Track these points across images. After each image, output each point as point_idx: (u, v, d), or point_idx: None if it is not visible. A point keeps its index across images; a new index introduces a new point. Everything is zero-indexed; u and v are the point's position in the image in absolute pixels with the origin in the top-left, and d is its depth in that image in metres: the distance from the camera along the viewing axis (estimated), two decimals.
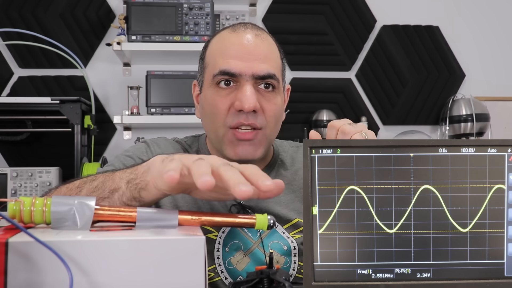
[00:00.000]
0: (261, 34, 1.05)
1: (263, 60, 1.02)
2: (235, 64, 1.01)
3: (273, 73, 1.02)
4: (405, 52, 2.85)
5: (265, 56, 1.03)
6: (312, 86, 2.80)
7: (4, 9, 2.59)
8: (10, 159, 2.60)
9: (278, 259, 1.04)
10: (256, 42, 1.03)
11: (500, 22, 2.94)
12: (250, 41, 1.03)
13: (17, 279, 0.50)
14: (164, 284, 0.53)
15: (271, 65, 1.03)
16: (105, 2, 2.67)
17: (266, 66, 1.02)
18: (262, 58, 1.02)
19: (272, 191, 0.61)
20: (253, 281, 0.72)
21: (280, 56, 1.09)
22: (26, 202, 0.58)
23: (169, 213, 0.62)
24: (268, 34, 1.09)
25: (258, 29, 1.07)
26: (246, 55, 1.02)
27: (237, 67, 1.01)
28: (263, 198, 0.63)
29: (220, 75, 1.02)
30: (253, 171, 0.62)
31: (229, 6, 2.70)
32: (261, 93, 1.02)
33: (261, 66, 1.01)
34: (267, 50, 1.04)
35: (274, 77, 1.03)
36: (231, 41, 1.04)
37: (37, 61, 2.61)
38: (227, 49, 1.03)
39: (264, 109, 1.03)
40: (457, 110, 2.72)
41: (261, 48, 1.03)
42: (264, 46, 1.04)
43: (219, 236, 1.03)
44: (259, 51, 1.02)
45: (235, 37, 1.04)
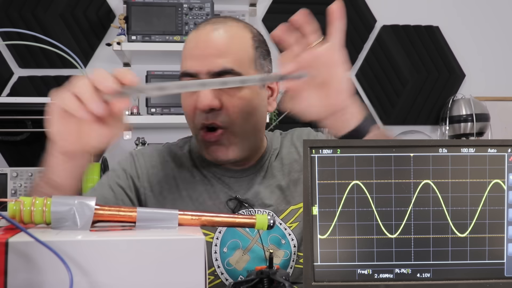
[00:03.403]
0: (221, 27, 1.01)
1: (219, 55, 0.97)
2: (191, 64, 0.99)
3: (230, 68, 0.97)
4: (405, 52, 2.85)
5: (222, 50, 0.98)
6: None
7: (4, 9, 2.59)
8: (10, 159, 2.59)
9: (277, 253, 1.03)
10: (213, 37, 0.99)
11: (500, 22, 2.94)
12: (206, 37, 0.99)
13: (17, 279, 0.50)
14: (164, 284, 0.53)
15: (229, 59, 0.98)
16: (105, 2, 2.67)
17: (222, 61, 0.97)
18: (218, 53, 0.97)
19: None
20: (253, 281, 0.72)
21: (253, 45, 1.02)
22: (26, 202, 0.58)
23: (169, 213, 0.62)
24: (236, 24, 1.04)
25: (222, 21, 1.03)
26: (200, 52, 0.98)
27: (193, 66, 0.98)
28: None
29: (182, 77, 1.00)
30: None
31: (229, 6, 2.70)
32: (223, 90, 0.98)
33: (216, 62, 0.97)
34: (225, 43, 0.99)
35: (232, 72, 0.97)
36: (190, 41, 1.02)
37: (37, 61, 2.61)
38: (187, 49, 1.02)
39: (226, 106, 0.98)
40: (457, 110, 2.72)
41: (217, 42, 0.99)
42: (221, 39, 0.99)
43: (216, 237, 1.02)
44: (214, 46, 0.98)
45: (194, 35, 1.02)
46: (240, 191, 1.06)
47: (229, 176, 1.07)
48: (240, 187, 1.07)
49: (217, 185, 1.07)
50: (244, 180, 1.07)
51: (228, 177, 1.07)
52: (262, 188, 1.07)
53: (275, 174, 1.09)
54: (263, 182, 1.08)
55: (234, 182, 1.07)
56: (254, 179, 1.08)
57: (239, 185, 1.07)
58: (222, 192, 1.06)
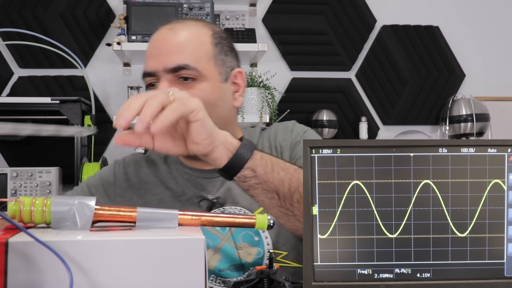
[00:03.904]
0: (178, 27, 1.04)
1: (174, 52, 1.00)
2: (149, 63, 1.02)
3: (184, 64, 0.99)
4: (405, 52, 2.85)
5: (178, 46, 1.01)
6: (312, 86, 2.80)
7: (4, 9, 2.59)
8: (10, 159, 2.60)
9: (250, 250, 1.03)
10: (168, 35, 1.03)
11: (500, 22, 2.94)
12: (162, 36, 1.03)
13: (17, 279, 0.50)
14: (164, 284, 0.53)
15: (184, 55, 1.00)
16: (105, 2, 2.67)
17: (177, 57, 1.00)
18: (173, 50, 1.00)
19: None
20: (253, 281, 0.72)
21: (211, 41, 1.05)
22: (26, 202, 0.58)
23: (169, 213, 0.62)
24: (194, 23, 1.07)
25: (180, 21, 1.06)
26: (157, 51, 1.02)
27: (151, 65, 1.02)
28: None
29: (144, 77, 1.04)
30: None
31: (229, 6, 2.70)
32: (182, 85, 1.00)
33: (171, 59, 1.00)
34: (181, 40, 1.02)
35: (187, 67, 0.99)
36: (150, 43, 1.06)
37: (37, 61, 2.61)
38: (147, 50, 1.05)
39: None
40: (457, 110, 2.72)
41: (172, 40, 1.02)
42: (177, 37, 1.02)
43: None
44: (169, 44, 1.01)
45: (152, 37, 1.06)
46: (213, 191, 1.07)
47: (202, 177, 1.09)
48: (213, 187, 1.08)
49: (190, 188, 1.08)
50: (218, 180, 1.08)
51: (202, 178, 1.09)
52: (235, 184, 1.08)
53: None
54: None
55: (207, 182, 1.08)
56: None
57: (212, 185, 1.08)
58: (195, 194, 1.07)
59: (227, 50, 1.09)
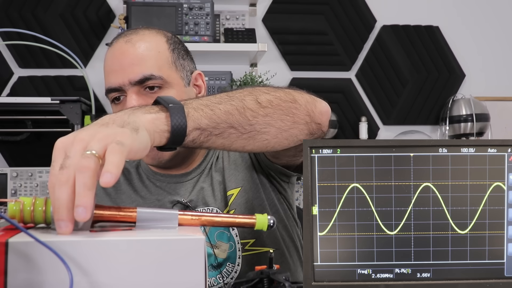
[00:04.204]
0: (133, 37, 1.04)
1: (136, 64, 1.01)
2: (113, 79, 1.02)
3: (149, 74, 1.00)
4: (405, 52, 2.85)
5: (138, 59, 1.01)
6: (312, 86, 2.77)
7: (4, 9, 2.59)
8: (10, 159, 2.59)
9: (224, 247, 1.05)
10: (125, 48, 1.03)
11: (500, 22, 2.94)
12: (121, 49, 1.03)
13: (17, 279, 0.50)
14: (164, 284, 0.53)
15: (145, 66, 1.01)
16: (105, 2, 2.67)
17: (140, 68, 1.00)
18: (135, 62, 1.01)
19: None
20: (253, 281, 0.72)
21: (168, 48, 1.06)
22: (26, 202, 0.58)
23: (169, 213, 0.62)
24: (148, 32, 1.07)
25: (133, 32, 1.06)
26: (118, 65, 1.02)
27: (115, 80, 1.01)
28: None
29: (108, 93, 1.04)
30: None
31: (229, 6, 2.70)
32: (148, 96, 1.01)
33: (135, 71, 1.00)
34: (140, 51, 1.02)
35: (152, 77, 1.01)
36: (107, 58, 1.05)
37: (37, 61, 2.61)
38: (106, 66, 1.05)
39: None
40: (457, 110, 2.72)
41: (131, 53, 1.02)
42: (134, 49, 1.02)
43: None
44: (130, 56, 1.02)
45: (109, 52, 1.06)
46: (186, 194, 1.08)
47: (175, 182, 1.10)
48: (186, 190, 1.09)
49: (163, 194, 1.09)
50: (190, 183, 1.10)
51: (174, 183, 1.10)
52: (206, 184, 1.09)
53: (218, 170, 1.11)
54: (206, 180, 1.10)
55: (180, 187, 1.09)
56: (199, 180, 1.10)
57: (185, 189, 1.09)
58: (169, 199, 1.08)
59: (184, 54, 1.10)
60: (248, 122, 0.79)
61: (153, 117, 0.69)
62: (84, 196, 0.53)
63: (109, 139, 0.59)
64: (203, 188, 1.08)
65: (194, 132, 0.73)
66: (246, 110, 0.79)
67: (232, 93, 0.81)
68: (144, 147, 0.65)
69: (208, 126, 0.75)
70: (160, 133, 0.69)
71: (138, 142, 0.63)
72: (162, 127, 0.70)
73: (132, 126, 0.64)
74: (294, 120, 0.85)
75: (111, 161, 0.56)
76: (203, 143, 0.76)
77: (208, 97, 0.79)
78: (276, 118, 0.82)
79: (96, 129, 0.61)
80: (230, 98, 0.79)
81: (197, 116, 0.74)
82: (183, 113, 0.71)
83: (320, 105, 0.91)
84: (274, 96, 0.84)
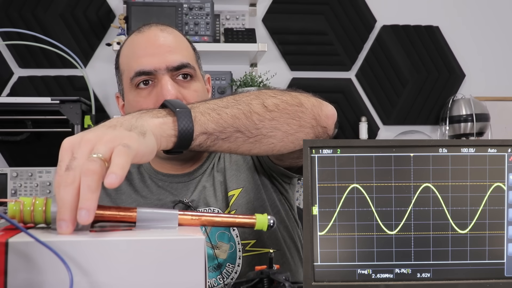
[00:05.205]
0: (166, 28, 1.07)
1: (174, 51, 1.03)
2: (148, 62, 1.01)
3: (186, 62, 1.03)
4: (405, 52, 2.85)
5: (175, 47, 1.04)
6: (312, 86, 2.78)
7: (4, 9, 2.59)
8: (10, 159, 2.59)
9: (225, 247, 1.05)
10: (163, 35, 1.05)
11: (500, 22, 2.94)
12: (157, 36, 1.04)
13: (17, 279, 0.50)
14: (164, 284, 0.53)
15: (183, 54, 1.04)
16: (105, 2, 2.67)
17: (178, 56, 1.02)
18: (172, 50, 1.03)
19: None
20: (253, 281, 0.72)
21: (191, 47, 1.10)
22: (26, 202, 0.58)
23: (169, 213, 0.62)
24: (173, 27, 1.10)
25: (163, 25, 1.09)
26: (156, 50, 1.02)
27: (150, 63, 1.01)
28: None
29: (136, 76, 1.02)
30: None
31: (229, 6, 2.70)
32: (180, 84, 1.02)
33: (173, 57, 1.02)
34: (176, 41, 1.05)
35: (189, 66, 1.03)
36: (138, 42, 1.05)
37: (37, 61, 2.61)
38: (137, 50, 1.04)
39: (186, 98, 1.01)
40: (457, 110, 2.72)
41: (169, 40, 1.04)
42: (171, 38, 1.05)
43: None
44: (168, 43, 1.03)
45: (141, 37, 1.05)
46: (188, 194, 1.08)
47: (177, 182, 1.09)
48: (188, 190, 1.09)
49: (165, 194, 1.09)
50: (192, 182, 1.09)
51: (177, 183, 1.09)
52: (208, 184, 1.09)
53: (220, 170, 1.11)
54: (208, 180, 1.10)
55: (182, 187, 1.09)
56: (201, 180, 1.10)
57: (187, 189, 1.09)
58: (170, 199, 1.08)
59: (198, 57, 1.13)
60: (255, 126, 0.79)
61: (160, 121, 0.70)
62: (88, 199, 0.54)
63: (115, 141, 0.59)
64: (205, 187, 1.08)
65: (201, 136, 0.74)
66: (253, 114, 0.79)
67: (239, 97, 0.81)
68: (151, 151, 0.65)
69: (215, 130, 0.75)
70: (167, 138, 0.70)
71: (145, 146, 0.64)
72: (169, 131, 0.70)
73: (139, 130, 0.64)
74: (300, 123, 0.85)
75: (117, 163, 0.57)
76: (210, 147, 0.77)
77: (214, 100, 0.79)
78: (283, 122, 0.83)
79: (104, 131, 0.62)
80: (237, 102, 0.79)
81: (204, 121, 0.74)
82: (190, 118, 0.72)
83: (326, 108, 0.92)
84: (281, 99, 0.84)
